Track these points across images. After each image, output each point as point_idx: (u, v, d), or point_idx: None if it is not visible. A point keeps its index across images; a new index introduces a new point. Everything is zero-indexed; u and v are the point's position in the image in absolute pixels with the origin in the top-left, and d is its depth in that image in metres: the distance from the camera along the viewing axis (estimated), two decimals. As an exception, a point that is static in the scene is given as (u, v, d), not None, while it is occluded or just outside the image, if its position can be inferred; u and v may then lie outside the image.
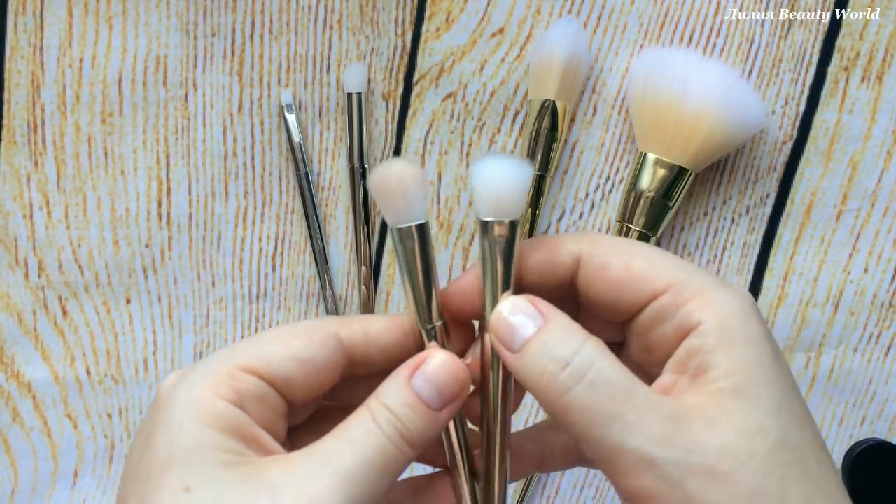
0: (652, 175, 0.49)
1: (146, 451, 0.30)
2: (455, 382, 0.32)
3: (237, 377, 0.31)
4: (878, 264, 0.52)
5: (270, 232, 0.52)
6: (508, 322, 0.31)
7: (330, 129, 0.52)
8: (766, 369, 0.30)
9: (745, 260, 0.52)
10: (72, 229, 0.52)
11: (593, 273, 0.33)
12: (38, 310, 0.53)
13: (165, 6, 0.50)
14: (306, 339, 0.32)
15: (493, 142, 0.51)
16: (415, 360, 0.32)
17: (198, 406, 0.30)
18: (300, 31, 0.51)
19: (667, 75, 0.48)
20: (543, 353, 0.30)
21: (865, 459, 0.52)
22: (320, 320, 0.33)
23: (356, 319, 0.34)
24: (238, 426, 0.30)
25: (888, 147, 0.51)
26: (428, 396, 0.32)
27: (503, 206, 0.32)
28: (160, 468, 0.29)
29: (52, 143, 0.51)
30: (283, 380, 0.32)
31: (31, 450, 0.54)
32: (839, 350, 0.53)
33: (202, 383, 0.31)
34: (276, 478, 0.29)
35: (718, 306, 0.30)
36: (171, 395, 0.31)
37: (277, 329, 0.33)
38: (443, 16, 0.50)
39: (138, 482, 0.30)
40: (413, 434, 0.31)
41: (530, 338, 0.31)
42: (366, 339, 0.33)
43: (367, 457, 0.30)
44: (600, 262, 0.32)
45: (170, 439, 0.30)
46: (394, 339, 0.34)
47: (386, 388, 0.32)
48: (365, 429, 0.31)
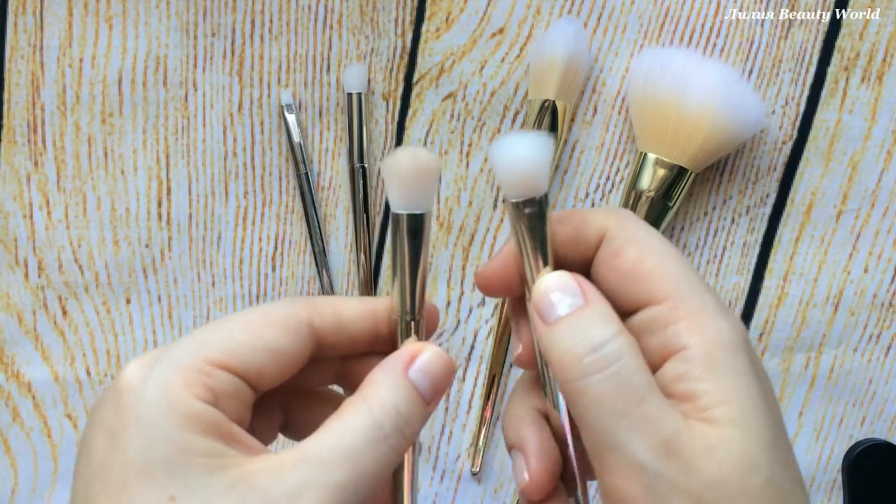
0: (652, 175, 0.49)
1: (116, 453, 0.29)
2: (448, 374, 0.32)
3: (210, 374, 0.29)
4: (878, 264, 0.52)
5: (270, 232, 0.52)
6: (549, 296, 0.31)
7: (330, 129, 0.52)
8: (758, 403, 0.29)
9: (745, 260, 0.52)
10: (72, 229, 0.52)
11: (605, 256, 0.32)
12: (38, 310, 0.53)
13: (165, 6, 0.50)
14: (278, 328, 0.31)
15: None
16: (405, 352, 0.32)
17: (174, 408, 0.28)
18: (300, 31, 0.51)
19: (667, 75, 0.48)
20: (576, 332, 0.30)
21: (865, 459, 0.52)
22: (289, 305, 0.32)
23: (327, 304, 0.33)
24: (217, 426, 0.29)
25: (888, 147, 0.51)
26: (424, 389, 0.31)
27: (530, 184, 0.31)
28: (138, 474, 0.28)
29: (52, 143, 0.51)
30: (256, 373, 0.30)
31: (31, 450, 0.54)
32: (839, 350, 0.53)
33: (174, 380, 0.29)
34: (267, 484, 0.28)
35: (708, 333, 0.30)
36: (140, 392, 0.29)
37: (245, 316, 0.31)
38: (443, 16, 0.50)
39: (108, 487, 0.29)
40: (411, 431, 0.31)
41: (567, 315, 0.30)
42: (338, 327, 0.33)
43: (363, 467, 0.29)
44: (615, 248, 0.32)
45: (147, 444, 0.28)
46: (365, 326, 0.33)
47: (385, 384, 0.31)
48: (365, 437, 0.29)
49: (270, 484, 0.28)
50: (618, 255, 0.31)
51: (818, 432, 0.53)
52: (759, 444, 0.29)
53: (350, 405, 0.30)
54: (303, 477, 0.28)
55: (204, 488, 0.28)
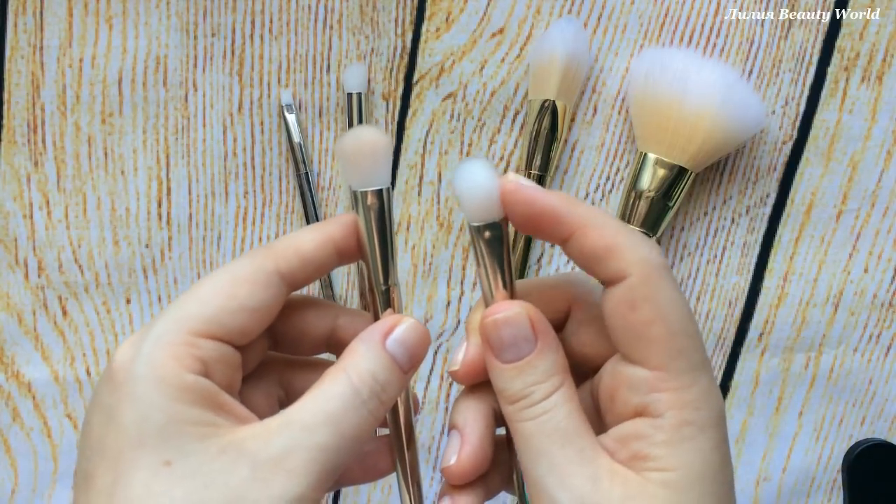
0: (652, 175, 0.49)
1: (112, 428, 0.30)
2: (424, 344, 0.33)
3: (195, 344, 0.31)
4: (878, 264, 0.52)
5: (270, 232, 0.52)
6: (501, 332, 0.32)
7: (330, 129, 0.52)
8: (704, 479, 0.30)
9: (745, 260, 0.52)
10: (72, 229, 0.52)
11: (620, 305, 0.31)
12: (38, 310, 0.53)
13: (165, 6, 0.50)
14: (250, 284, 0.32)
15: (493, 142, 0.52)
16: (384, 324, 0.33)
17: (165, 381, 0.30)
18: (300, 31, 0.51)
19: (667, 75, 0.48)
20: (520, 379, 0.32)
21: (865, 459, 0.52)
22: (253, 259, 0.33)
23: (287, 247, 0.34)
24: (208, 396, 0.31)
25: (888, 147, 0.51)
26: (401, 358, 0.33)
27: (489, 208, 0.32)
28: (133, 445, 0.30)
29: (52, 143, 0.51)
30: (238, 332, 0.32)
31: (31, 450, 0.54)
32: (839, 350, 0.53)
33: (162, 356, 0.30)
34: (255, 447, 0.30)
35: (687, 411, 0.31)
36: (132, 370, 0.30)
37: (214, 280, 0.32)
38: (443, 16, 0.50)
39: (106, 459, 0.30)
40: (388, 397, 0.32)
41: (516, 362, 0.32)
42: (303, 263, 0.34)
43: (344, 429, 0.31)
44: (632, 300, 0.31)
45: (141, 417, 0.30)
46: (327, 253, 0.34)
47: (363, 353, 0.32)
48: (344, 401, 0.31)
49: (258, 447, 0.30)
50: (634, 309, 0.31)
51: (818, 432, 0.54)
52: None
53: (331, 373, 0.32)
54: (288, 440, 0.30)
55: (196, 454, 0.30)
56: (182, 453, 0.29)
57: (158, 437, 0.30)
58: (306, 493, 0.30)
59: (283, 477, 0.30)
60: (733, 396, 0.53)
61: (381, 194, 0.33)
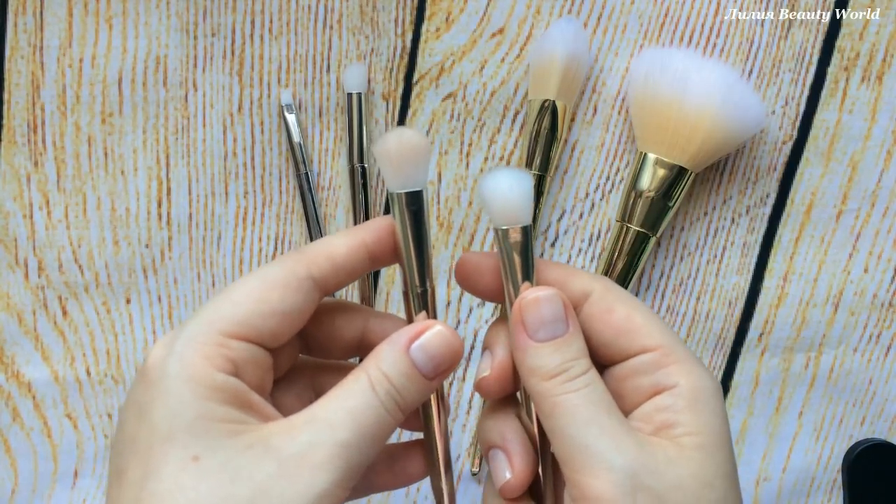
0: (652, 175, 0.49)
1: (144, 425, 0.31)
2: (450, 353, 0.34)
3: (227, 345, 0.32)
4: (878, 264, 0.52)
5: (270, 232, 0.52)
6: (542, 311, 0.33)
7: (330, 129, 0.52)
8: (724, 442, 0.33)
9: (745, 260, 0.52)
10: (72, 229, 0.52)
11: (599, 313, 0.35)
12: (38, 310, 0.53)
13: (165, 6, 0.50)
14: (282, 288, 0.33)
15: (493, 142, 0.52)
16: (412, 329, 0.34)
17: (195, 380, 0.31)
18: (300, 31, 0.51)
19: (667, 75, 0.48)
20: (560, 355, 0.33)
21: (865, 459, 0.52)
22: (285, 263, 0.34)
23: (319, 252, 0.34)
24: (237, 395, 0.32)
25: (888, 147, 0.51)
26: (423, 366, 0.33)
27: (516, 214, 0.34)
28: (163, 440, 0.30)
29: (52, 143, 0.51)
30: (270, 336, 0.33)
31: (31, 450, 0.54)
32: (839, 350, 0.53)
33: (193, 355, 0.31)
34: (281, 443, 0.31)
35: (695, 377, 0.34)
36: (164, 369, 0.31)
37: (247, 283, 0.33)
38: (443, 16, 0.50)
39: (137, 454, 0.31)
40: (407, 402, 0.33)
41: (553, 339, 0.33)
42: (335, 269, 0.34)
43: (365, 427, 0.32)
44: (608, 305, 0.35)
45: (171, 413, 0.31)
46: (360, 257, 0.35)
47: (385, 356, 0.33)
48: (364, 400, 0.32)
49: (283, 444, 0.31)
50: (611, 311, 0.35)
51: (818, 432, 0.54)
52: (717, 470, 0.33)
53: (354, 372, 0.33)
54: (311, 436, 0.31)
55: (224, 449, 0.30)
56: (210, 449, 0.30)
57: (187, 432, 0.30)
58: (330, 489, 0.31)
59: (308, 472, 0.30)
60: (733, 396, 0.53)
61: (420, 196, 0.34)
